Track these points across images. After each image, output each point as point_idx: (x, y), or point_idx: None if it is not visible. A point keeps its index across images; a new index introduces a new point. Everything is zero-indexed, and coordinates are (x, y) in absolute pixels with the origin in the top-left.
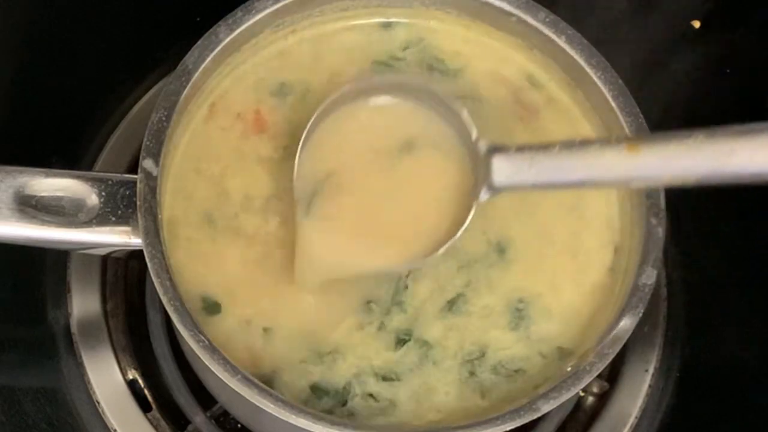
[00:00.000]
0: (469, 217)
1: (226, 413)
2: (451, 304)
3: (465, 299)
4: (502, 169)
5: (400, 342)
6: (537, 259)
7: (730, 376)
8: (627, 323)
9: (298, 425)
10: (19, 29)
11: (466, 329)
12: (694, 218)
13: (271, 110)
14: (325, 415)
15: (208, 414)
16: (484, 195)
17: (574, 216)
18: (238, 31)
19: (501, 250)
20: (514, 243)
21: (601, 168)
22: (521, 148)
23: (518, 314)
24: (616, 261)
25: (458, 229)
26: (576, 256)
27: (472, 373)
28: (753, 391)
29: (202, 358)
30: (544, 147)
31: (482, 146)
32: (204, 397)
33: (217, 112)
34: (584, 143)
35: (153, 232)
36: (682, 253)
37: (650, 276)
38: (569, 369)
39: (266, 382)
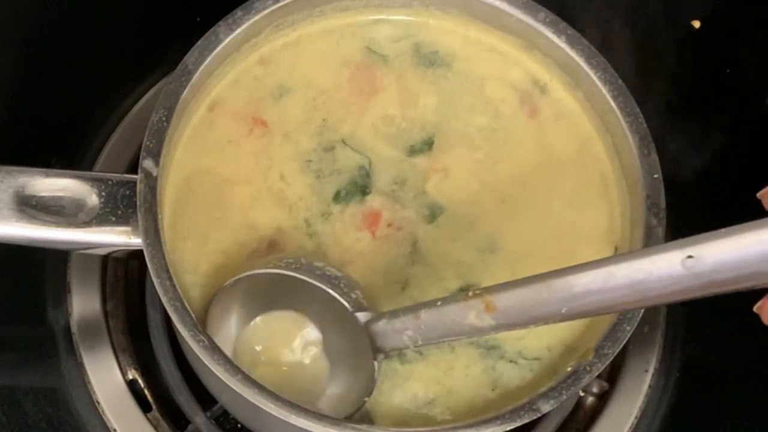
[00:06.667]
0: (377, 377)
1: (226, 413)
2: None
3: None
4: (381, 336)
5: None
6: (535, 256)
7: (730, 376)
8: (627, 323)
9: (298, 425)
10: (19, 29)
11: None
12: (694, 219)
13: (271, 109)
14: (326, 415)
15: (208, 414)
16: (378, 358)
17: (574, 215)
18: (238, 31)
19: (496, 247)
20: (513, 243)
21: (464, 327)
22: (393, 314)
23: None
24: None
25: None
26: (575, 257)
27: (486, 361)
28: (753, 391)
29: (202, 358)
30: (412, 310)
31: (360, 318)
32: (204, 397)
33: (217, 111)
34: (446, 302)
35: (153, 232)
36: None
37: None
38: (569, 369)
39: None
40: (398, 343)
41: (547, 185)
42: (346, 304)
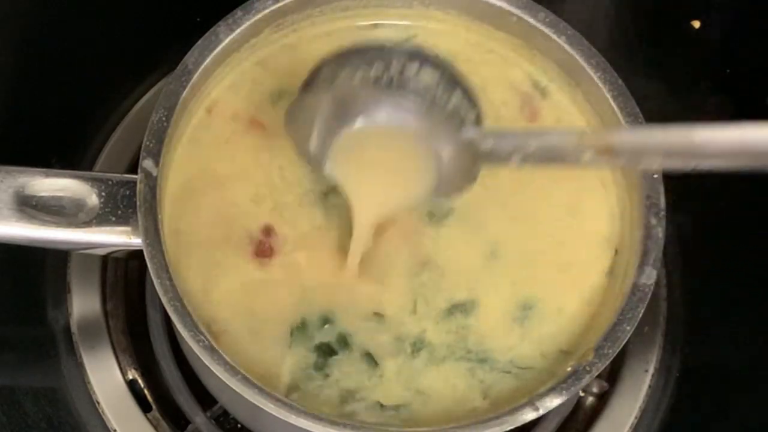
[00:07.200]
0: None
1: (226, 413)
2: (456, 309)
3: (469, 304)
4: (486, 153)
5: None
6: (535, 262)
7: (729, 376)
8: (627, 323)
9: (298, 425)
10: (19, 29)
11: (470, 331)
12: (694, 218)
13: (270, 110)
14: (326, 415)
15: (208, 414)
16: (479, 163)
17: (573, 218)
18: (238, 31)
19: (498, 254)
20: (511, 246)
21: (575, 162)
22: (500, 135)
23: (518, 317)
24: (615, 262)
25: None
26: (575, 258)
27: (475, 373)
28: (752, 391)
29: (202, 358)
30: (523, 136)
31: (464, 134)
32: (204, 397)
33: (216, 111)
34: (560, 137)
35: (153, 232)
36: (682, 253)
37: (650, 276)
38: (569, 369)
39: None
40: (503, 162)
41: (547, 190)
42: (446, 120)
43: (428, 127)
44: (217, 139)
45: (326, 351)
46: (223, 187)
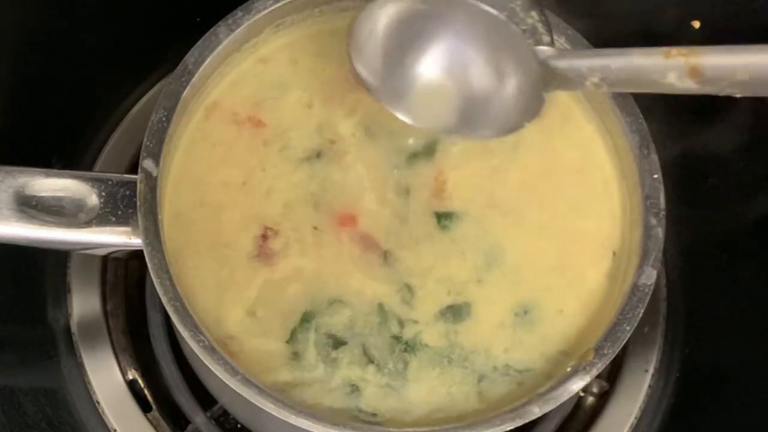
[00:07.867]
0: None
1: (226, 413)
2: (451, 312)
3: (465, 307)
4: (561, 75)
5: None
6: (535, 264)
7: (729, 376)
8: (627, 323)
9: (298, 425)
10: (19, 29)
11: (466, 333)
12: (694, 218)
13: (270, 109)
14: (326, 415)
15: (208, 414)
16: (548, 89)
17: (574, 220)
18: (237, 31)
19: (498, 256)
20: (511, 249)
21: (659, 85)
22: (580, 55)
23: (517, 319)
24: (615, 263)
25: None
26: (575, 260)
27: (471, 376)
28: (752, 391)
29: (202, 358)
30: (603, 55)
31: (540, 53)
32: (204, 397)
33: (216, 111)
34: (644, 56)
35: (153, 232)
36: (682, 253)
37: (650, 276)
38: (569, 369)
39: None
40: (579, 86)
41: (549, 191)
42: (523, 36)
43: (501, 45)
44: (218, 138)
45: (334, 341)
46: (224, 188)
